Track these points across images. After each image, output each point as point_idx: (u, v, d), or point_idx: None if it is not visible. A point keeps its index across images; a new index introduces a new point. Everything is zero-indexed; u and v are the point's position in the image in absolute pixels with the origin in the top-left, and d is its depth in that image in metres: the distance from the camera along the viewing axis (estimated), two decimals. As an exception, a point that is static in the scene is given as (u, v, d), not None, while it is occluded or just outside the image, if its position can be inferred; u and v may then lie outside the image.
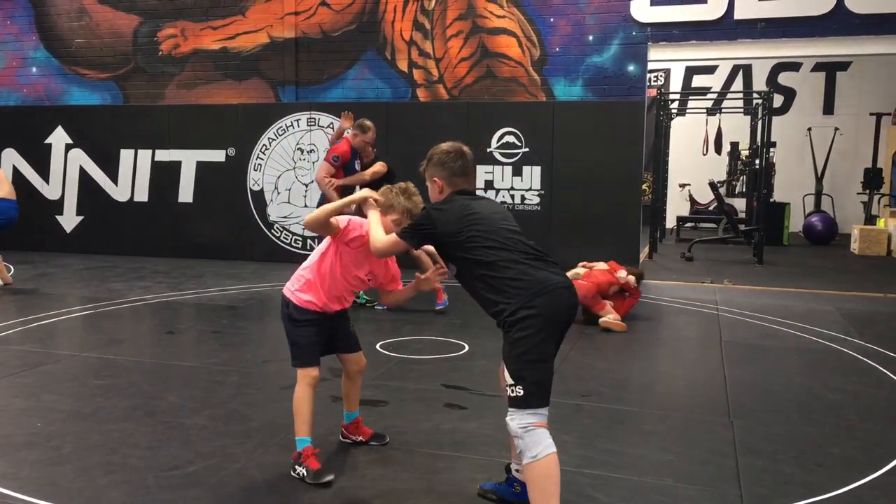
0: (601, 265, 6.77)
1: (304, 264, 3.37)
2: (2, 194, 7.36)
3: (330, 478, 3.16)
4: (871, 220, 13.39)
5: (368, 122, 7.01)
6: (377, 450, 3.55)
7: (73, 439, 3.66)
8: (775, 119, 11.96)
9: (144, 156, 10.54)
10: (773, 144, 12.90)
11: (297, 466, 3.22)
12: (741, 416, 4.14)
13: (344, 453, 3.51)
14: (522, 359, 2.62)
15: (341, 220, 3.22)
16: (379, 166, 6.98)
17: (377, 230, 3.06)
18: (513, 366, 2.64)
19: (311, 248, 9.98)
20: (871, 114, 14.20)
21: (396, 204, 3.19)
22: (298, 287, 3.31)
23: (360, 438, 3.61)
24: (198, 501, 3.00)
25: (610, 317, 6.29)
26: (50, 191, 10.91)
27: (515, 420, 2.63)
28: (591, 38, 9.44)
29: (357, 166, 7.03)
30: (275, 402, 4.28)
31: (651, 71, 12.27)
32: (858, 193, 14.24)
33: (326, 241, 3.32)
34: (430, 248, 3.21)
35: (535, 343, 2.62)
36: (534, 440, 2.60)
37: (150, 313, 6.82)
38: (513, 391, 2.63)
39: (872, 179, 13.65)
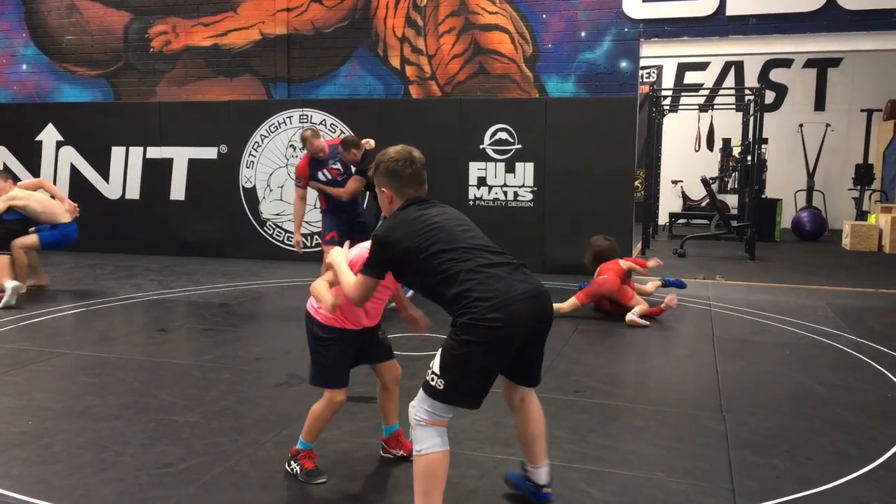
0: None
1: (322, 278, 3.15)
2: (63, 218, 7.20)
3: (323, 479, 3.14)
4: (862, 215, 13.45)
5: (307, 133, 6.59)
6: (371, 446, 3.54)
7: (65, 437, 3.64)
8: (767, 115, 12.01)
9: (136, 153, 10.49)
10: (765, 141, 12.94)
11: (292, 462, 3.20)
12: (733, 410, 4.15)
13: (337, 449, 3.50)
14: (458, 360, 2.53)
15: (350, 261, 2.96)
16: (354, 183, 6.56)
17: (346, 277, 2.84)
18: (446, 360, 2.54)
19: (304, 246, 9.96)
20: (863, 110, 14.25)
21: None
22: (318, 305, 3.10)
23: (402, 452, 3.37)
24: (190, 499, 2.99)
25: (637, 311, 6.36)
26: (41, 188, 10.85)
27: (415, 409, 2.60)
28: (583, 34, 9.44)
29: (326, 174, 6.68)
30: (268, 399, 4.27)
31: (643, 67, 12.29)
32: (850, 189, 14.30)
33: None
34: None
35: (478, 353, 2.51)
36: (423, 434, 2.57)
37: (142, 311, 6.80)
38: (433, 380, 2.56)
39: (863, 175, 13.71)
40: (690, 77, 15.90)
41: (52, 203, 7.07)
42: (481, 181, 9.27)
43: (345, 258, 2.96)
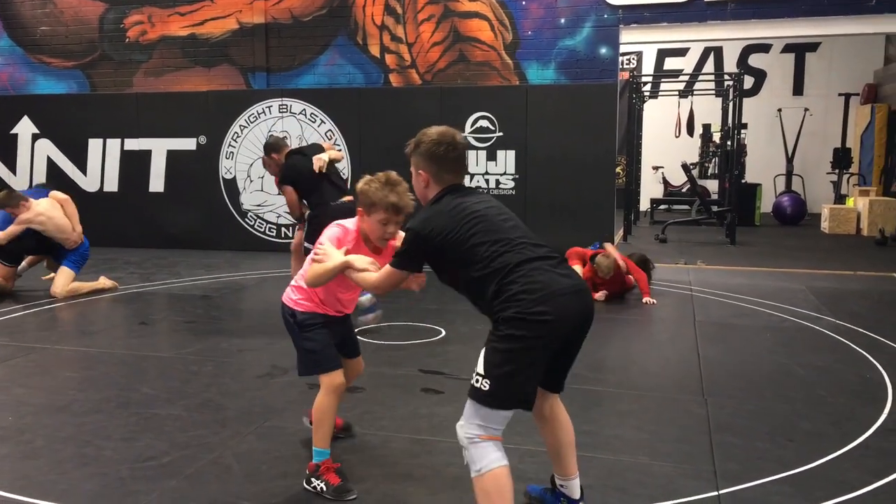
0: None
1: (301, 271, 3.10)
2: (69, 245, 7.08)
3: (354, 496, 2.90)
4: (840, 199, 13.58)
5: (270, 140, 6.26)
6: (355, 435, 3.54)
7: (46, 432, 3.61)
8: (746, 101, 12.08)
9: (113, 145, 10.38)
10: (745, 126, 13.01)
11: (313, 479, 2.96)
12: (714, 394, 4.19)
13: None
14: (504, 357, 2.35)
15: (355, 262, 2.82)
16: (287, 195, 5.89)
17: (361, 268, 2.74)
18: (490, 358, 2.37)
19: (286, 237, 9.92)
20: (840, 94, 14.37)
21: (378, 200, 2.83)
22: (297, 297, 3.08)
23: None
24: (173, 492, 2.98)
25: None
26: (17, 182, 10.69)
27: (465, 427, 2.43)
28: (563, 21, 9.43)
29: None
30: (250, 390, 4.25)
31: (623, 54, 12.32)
32: (828, 173, 14.43)
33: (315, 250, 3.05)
34: None
35: (524, 349, 2.34)
36: (479, 453, 2.39)
37: (122, 304, 6.74)
38: (478, 381, 2.38)
39: (842, 159, 13.84)
40: (670, 63, 15.94)
41: (67, 227, 6.97)
42: (463, 169, 9.24)
43: (332, 246, 2.87)
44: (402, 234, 2.82)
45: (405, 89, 9.94)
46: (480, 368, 2.38)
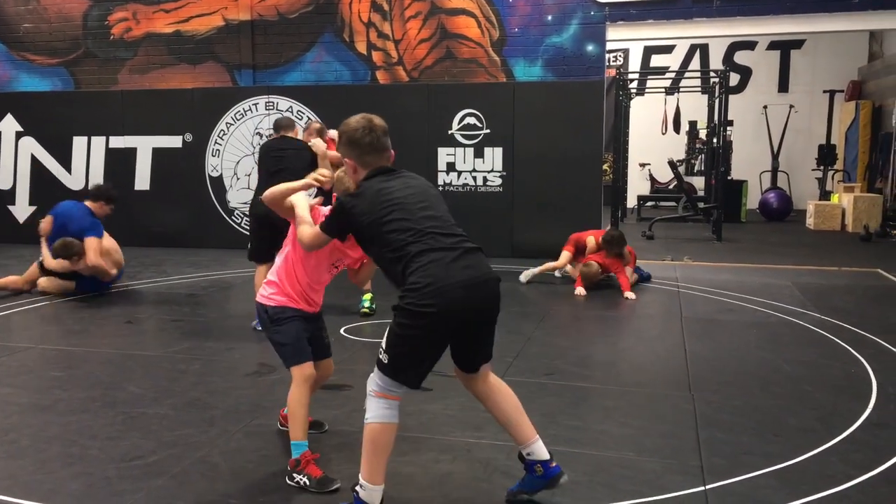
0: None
1: (277, 265, 3.20)
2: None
3: (337, 485, 2.95)
4: (825, 195, 13.68)
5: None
6: (341, 434, 3.53)
7: (31, 432, 3.58)
8: (732, 98, 12.14)
9: (98, 143, 10.30)
10: (731, 123, 13.09)
11: (295, 474, 2.98)
12: (701, 389, 4.21)
13: (308, 438, 3.48)
14: (398, 339, 2.61)
15: (300, 204, 3.04)
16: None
17: (304, 220, 2.95)
18: (389, 337, 2.63)
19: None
20: (825, 91, 14.48)
21: (339, 185, 3.09)
22: (269, 292, 3.15)
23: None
24: (160, 491, 2.96)
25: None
26: (1, 180, 10.62)
27: (370, 381, 2.68)
28: (549, 18, 9.44)
29: None
30: (238, 389, 4.23)
31: (610, 51, 12.33)
32: (813, 170, 14.53)
33: (286, 241, 3.19)
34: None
35: (412, 337, 2.59)
36: (371, 405, 2.65)
37: (108, 303, 6.69)
38: (380, 353, 2.66)
39: (826, 156, 13.94)
40: (656, 60, 15.99)
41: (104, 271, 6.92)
42: (450, 166, 9.25)
43: (307, 206, 3.04)
44: None
45: (392, 86, 9.92)
46: (383, 343, 2.65)
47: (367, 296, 6.01)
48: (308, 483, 2.95)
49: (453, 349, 2.77)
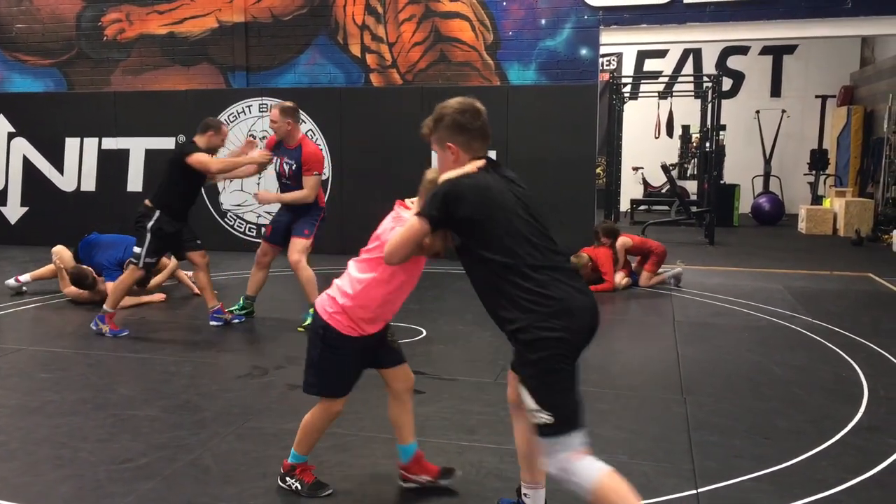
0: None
1: (349, 280, 2.74)
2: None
3: (329, 491, 2.91)
4: (817, 200, 13.73)
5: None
6: (335, 435, 3.51)
7: (21, 434, 3.56)
8: (725, 102, 12.17)
9: (91, 144, 10.26)
10: (723, 127, 13.13)
11: (288, 478, 2.92)
12: (693, 392, 4.22)
13: (301, 441, 3.47)
14: (546, 382, 2.26)
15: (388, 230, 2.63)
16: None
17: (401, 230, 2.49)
18: (537, 391, 2.26)
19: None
20: (817, 96, 14.53)
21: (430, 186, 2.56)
22: (333, 310, 2.73)
23: (426, 478, 2.96)
24: (151, 494, 2.94)
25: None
26: (-8, 181, 10.58)
27: (552, 465, 2.30)
28: (543, 21, 9.45)
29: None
30: (229, 391, 4.22)
31: (603, 55, 12.36)
32: (805, 174, 14.58)
33: (370, 256, 2.70)
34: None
35: (557, 366, 2.26)
36: (579, 474, 2.25)
37: (100, 305, 6.64)
38: (540, 418, 2.26)
39: (818, 160, 14.00)
40: (650, 65, 16.03)
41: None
42: (444, 169, 9.24)
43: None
44: None
45: (386, 89, 9.91)
46: (532, 404, 2.27)
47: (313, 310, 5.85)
48: (300, 488, 2.91)
49: None
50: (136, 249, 5.53)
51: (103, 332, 5.45)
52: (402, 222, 2.58)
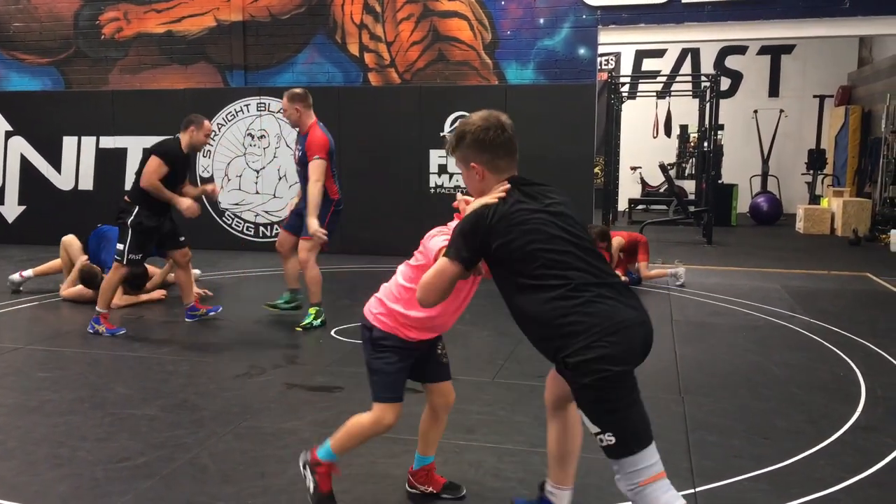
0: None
1: (397, 283, 2.64)
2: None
3: None
4: (815, 199, 13.75)
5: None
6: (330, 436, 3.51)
7: (18, 433, 3.55)
8: (723, 102, 12.18)
9: (88, 143, 10.25)
10: (721, 127, 13.13)
11: (308, 469, 2.77)
12: (691, 392, 4.22)
13: (299, 439, 3.47)
14: (603, 405, 2.14)
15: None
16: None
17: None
18: (595, 414, 2.15)
19: (264, 236, 9.85)
20: (815, 96, 14.55)
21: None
22: (378, 311, 2.66)
23: (431, 489, 2.94)
24: (149, 493, 2.94)
25: None
26: (-11, 180, 10.56)
27: (622, 482, 2.21)
28: (541, 21, 9.46)
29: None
30: (227, 390, 4.21)
31: (602, 55, 12.38)
32: (803, 174, 14.60)
33: (417, 263, 2.58)
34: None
35: (611, 386, 2.13)
36: (652, 496, 2.16)
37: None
38: (602, 440, 2.16)
39: (816, 160, 14.01)
40: (648, 64, 16.04)
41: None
42: (442, 169, 9.25)
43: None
44: None
45: (384, 88, 9.91)
46: (594, 428, 2.17)
47: (313, 310, 5.74)
48: (312, 489, 2.75)
49: None
50: (119, 246, 5.47)
51: (100, 333, 5.44)
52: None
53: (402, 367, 2.67)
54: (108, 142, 10.18)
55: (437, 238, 2.52)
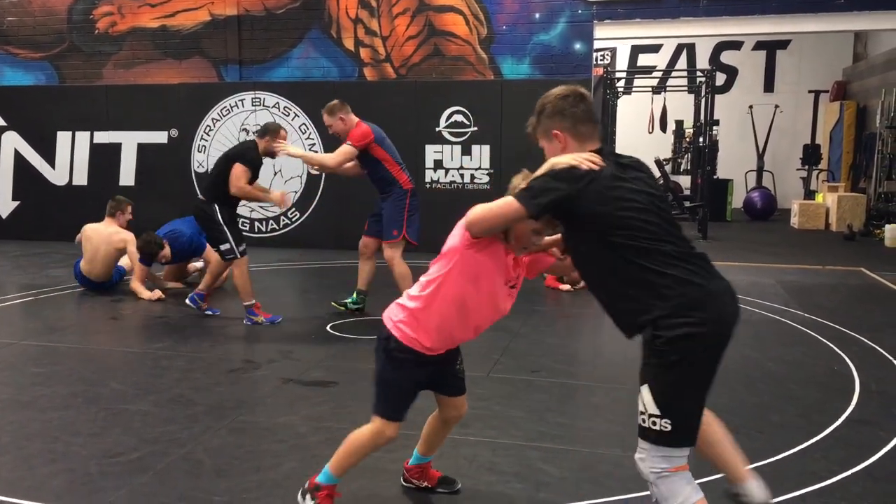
0: None
1: (421, 286, 2.53)
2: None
3: None
4: (809, 195, 13.77)
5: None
6: (329, 430, 3.51)
7: (12, 429, 3.55)
8: (718, 97, 12.18)
9: (82, 138, 10.21)
10: (717, 122, 13.14)
11: (307, 495, 2.68)
12: (687, 386, 4.22)
13: (294, 433, 3.47)
14: (678, 387, 2.11)
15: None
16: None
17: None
18: (663, 395, 2.11)
19: (259, 231, 9.84)
20: (810, 91, 14.57)
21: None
22: (400, 318, 2.54)
23: (426, 483, 2.93)
24: (143, 488, 2.94)
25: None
26: (-17, 175, 10.51)
27: (647, 462, 2.18)
28: (537, 16, 9.44)
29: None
30: (221, 385, 4.21)
31: (597, 50, 12.35)
32: (798, 169, 14.62)
33: (444, 262, 2.45)
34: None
35: (698, 369, 2.12)
36: (671, 489, 2.15)
37: (91, 300, 6.63)
38: (656, 423, 2.12)
39: (811, 155, 14.03)
40: (643, 59, 16.03)
41: None
42: (438, 164, 9.24)
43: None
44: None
45: (380, 83, 9.89)
46: (653, 409, 2.13)
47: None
48: None
49: None
50: (224, 247, 5.62)
51: (260, 323, 5.60)
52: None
53: (415, 384, 2.60)
54: (102, 137, 10.14)
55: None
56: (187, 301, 5.88)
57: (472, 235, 2.32)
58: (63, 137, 10.25)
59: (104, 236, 6.78)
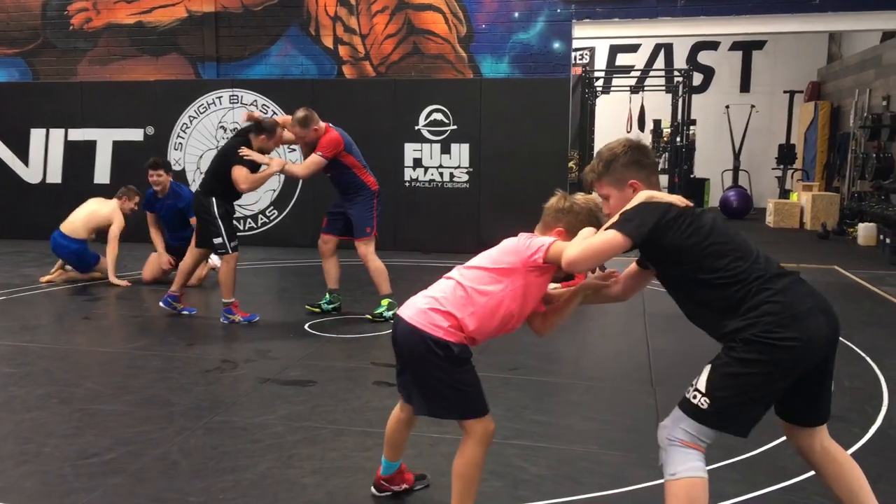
0: None
1: (472, 289, 2.49)
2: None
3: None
4: (784, 194, 13.93)
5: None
6: (306, 429, 3.50)
7: (-17, 430, 3.49)
8: (695, 97, 12.30)
9: (56, 135, 10.08)
10: (694, 122, 13.26)
11: None
12: (663, 383, 4.26)
13: (271, 433, 3.45)
14: (734, 381, 2.17)
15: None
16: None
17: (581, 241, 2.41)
18: (717, 378, 2.20)
19: (238, 230, 9.74)
20: (785, 91, 14.73)
21: (592, 222, 2.56)
22: (447, 324, 2.44)
23: (405, 486, 2.89)
24: (117, 489, 2.90)
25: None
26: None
27: (669, 429, 2.27)
28: (516, 15, 9.46)
29: None
30: (198, 385, 4.17)
31: (576, 49, 12.41)
32: (773, 169, 14.78)
33: (499, 278, 2.50)
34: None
35: (759, 376, 2.16)
36: (677, 457, 2.23)
37: (65, 299, 6.56)
38: (696, 398, 2.21)
39: (786, 155, 14.19)
40: (622, 59, 16.12)
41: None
42: (417, 162, 9.23)
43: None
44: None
45: (359, 81, 9.86)
46: (702, 385, 2.21)
47: (385, 301, 5.60)
48: None
49: (790, 396, 2.32)
50: (217, 241, 5.55)
51: (236, 322, 5.55)
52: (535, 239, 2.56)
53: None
54: (76, 134, 10.02)
55: (539, 238, 2.56)
56: (161, 304, 5.81)
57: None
58: (37, 135, 10.12)
59: (100, 202, 7.31)
